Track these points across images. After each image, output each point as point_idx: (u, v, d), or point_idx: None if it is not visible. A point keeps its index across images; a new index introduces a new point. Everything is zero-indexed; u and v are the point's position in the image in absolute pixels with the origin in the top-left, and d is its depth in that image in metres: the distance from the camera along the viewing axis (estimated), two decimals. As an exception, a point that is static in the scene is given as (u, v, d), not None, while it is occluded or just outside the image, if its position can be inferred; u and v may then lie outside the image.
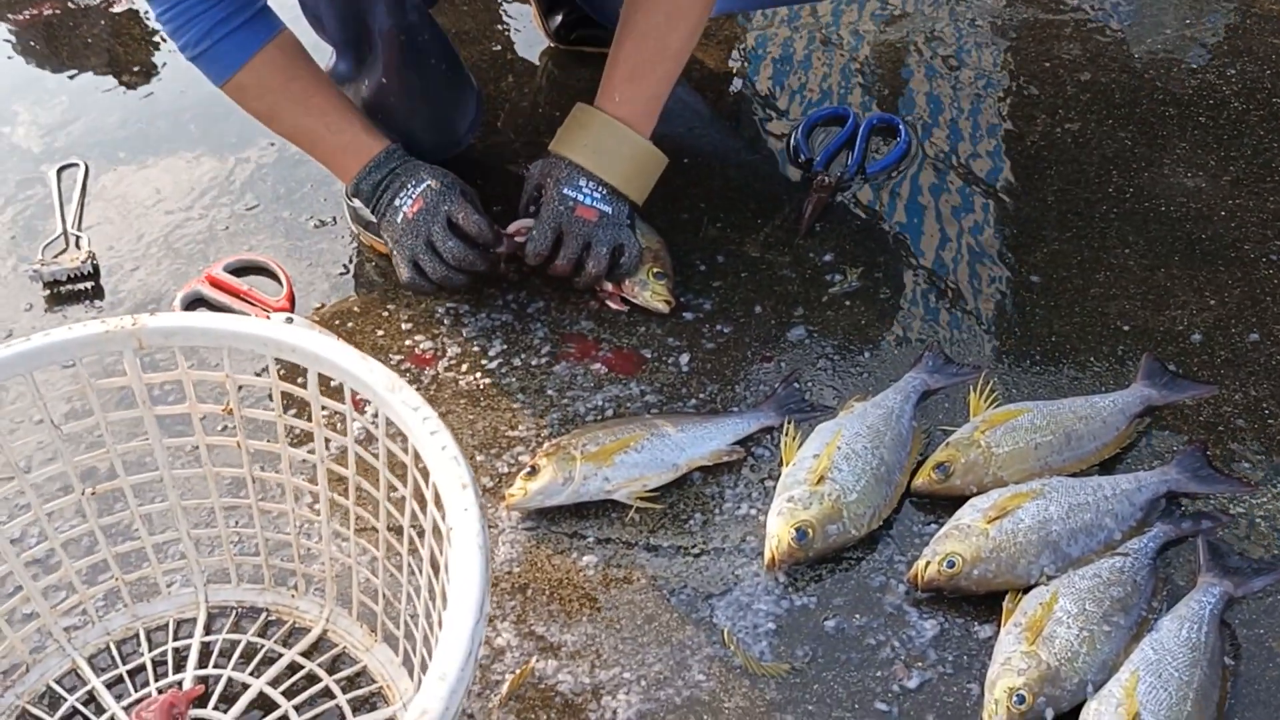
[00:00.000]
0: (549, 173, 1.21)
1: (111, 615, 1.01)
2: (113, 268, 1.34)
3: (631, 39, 1.20)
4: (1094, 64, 1.52)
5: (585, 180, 1.19)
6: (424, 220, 1.18)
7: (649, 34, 1.19)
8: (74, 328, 0.90)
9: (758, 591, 0.99)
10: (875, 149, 1.42)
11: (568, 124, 1.23)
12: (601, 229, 1.19)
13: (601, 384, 1.17)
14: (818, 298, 1.24)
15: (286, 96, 1.20)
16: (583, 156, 1.19)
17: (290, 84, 1.19)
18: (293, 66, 1.19)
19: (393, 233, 1.20)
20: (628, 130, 1.19)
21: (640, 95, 1.20)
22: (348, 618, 0.99)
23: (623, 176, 1.20)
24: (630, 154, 1.20)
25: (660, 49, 1.20)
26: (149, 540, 0.99)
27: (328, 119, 1.20)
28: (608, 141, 1.19)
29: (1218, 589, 0.96)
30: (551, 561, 1.02)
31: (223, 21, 1.13)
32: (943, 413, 1.12)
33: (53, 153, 1.50)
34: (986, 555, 0.96)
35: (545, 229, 1.18)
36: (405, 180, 1.20)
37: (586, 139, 1.20)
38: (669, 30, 1.19)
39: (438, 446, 0.80)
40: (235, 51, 1.15)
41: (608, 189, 1.19)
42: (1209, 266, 1.25)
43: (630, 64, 1.20)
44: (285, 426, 0.93)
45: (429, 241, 1.19)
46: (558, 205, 1.18)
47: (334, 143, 1.21)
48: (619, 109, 1.20)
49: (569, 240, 1.18)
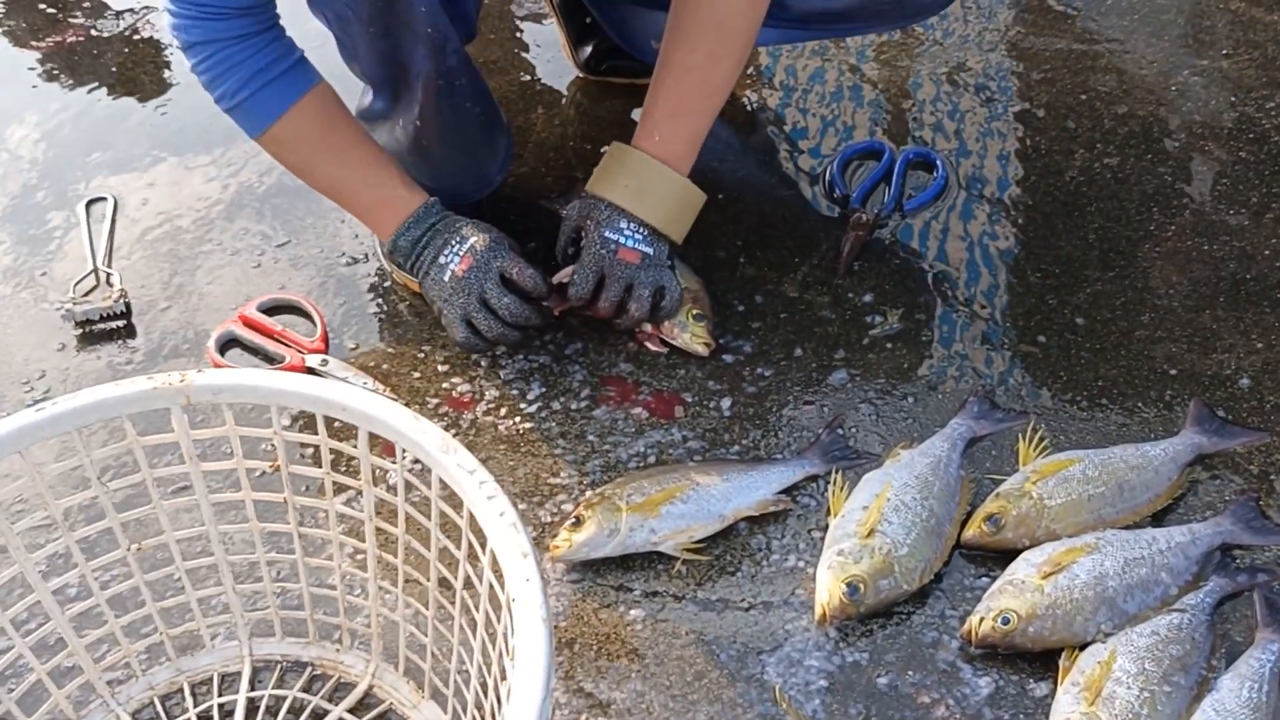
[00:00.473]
0: (588, 214, 1.19)
1: (155, 669, 1.00)
2: (145, 306, 1.33)
3: (673, 75, 1.18)
4: (1130, 96, 1.51)
5: (626, 222, 1.17)
6: (476, 278, 1.16)
7: (691, 70, 1.17)
8: (121, 384, 0.88)
9: (809, 647, 0.98)
10: (913, 184, 1.41)
11: (606, 163, 1.21)
12: (643, 271, 1.17)
13: (643, 429, 1.16)
14: (859, 340, 1.23)
15: (324, 148, 1.18)
16: (623, 197, 1.18)
17: (328, 136, 1.18)
18: (330, 118, 1.17)
19: (440, 291, 1.18)
20: (667, 170, 1.18)
21: (681, 134, 1.19)
22: (394, 673, 0.98)
23: (664, 217, 1.19)
24: (670, 194, 1.19)
25: (702, 86, 1.18)
26: (193, 594, 0.98)
27: (365, 172, 1.19)
28: (648, 181, 1.18)
29: (1277, 645, 0.94)
30: (598, 615, 1.01)
31: (263, 71, 1.11)
32: (990, 460, 1.11)
33: (79, 186, 1.49)
34: (1042, 612, 0.95)
35: (587, 273, 1.17)
36: (449, 237, 1.18)
37: (626, 179, 1.18)
38: (711, 67, 1.17)
39: (495, 512, 0.78)
40: (274, 101, 1.13)
41: (649, 230, 1.18)
42: (1255, 308, 1.24)
43: (671, 101, 1.18)
44: (333, 483, 0.92)
45: (483, 299, 1.17)
46: (599, 249, 1.17)
47: (371, 197, 1.19)
48: (659, 148, 1.18)
49: (611, 283, 1.17)
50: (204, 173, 1.51)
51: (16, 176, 1.52)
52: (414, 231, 1.18)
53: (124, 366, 1.26)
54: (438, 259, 1.18)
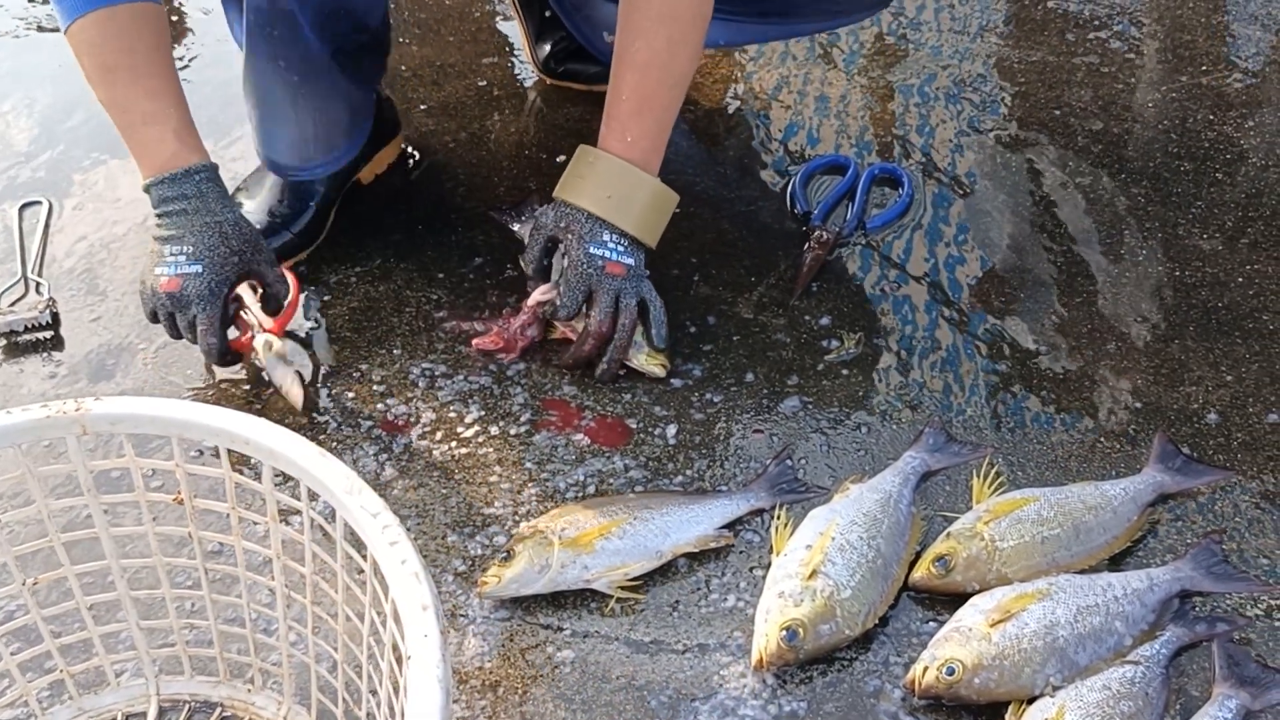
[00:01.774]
0: (567, 226, 1.14)
1: (57, 708, 0.94)
2: (73, 317, 1.27)
3: (633, 71, 1.12)
4: (1106, 112, 1.46)
5: (608, 234, 1.13)
6: (170, 304, 1.11)
7: (650, 64, 1.12)
8: (14, 412, 0.83)
9: (744, 695, 0.93)
10: (877, 201, 1.36)
11: (576, 169, 1.15)
12: (628, 282, 1.13)
13: (583, 456, 1.11)
14: (813, 365, 1.18)
15: (113, 67, 1.09)
16: (601, 207, 1.12)
17: (122, 55, 1.09)
18: (132, 39, 1.09)
19: (144, 274, 1.13)
20: (644, 175, 1.13)
21: (649, 131, 1.14)
22: (306, 716, 0.93)
23: (642, 224, 1.14)
24: (646, 199, 1.14)
25: (663, 78, 1.13)
26: (95, 630, 0.92)
27: (146, 107, 1.10)
28: (623, 188, 1.13)
29: (1234, 701, 0.90)
30: (526, 656, 0.96)
31: None
32: (944, 496, 1.06)
33: (15, 186, 1.44)
34: (989, 662, 0.90)
35: (575, 291, 1.12)
36: (185, 238, 1.11)
37: (603, 187, 1.13)
38: (670, 58, 1.12)
39: (397, 560, 0.73)
40: None
41: (629, 240, 1.13)
42: (1226, 338, 1.19)
43: (635, 98, 1.13)
44: (238, 517, 0.87)
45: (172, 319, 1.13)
46: (585, 266, 1.12)
47: (141, 136, 1.11)
48: (630, 150, 1.13)
49: (600, 298, 1.12)
50: (146, 176, 1.45)
51: (-49, 177, 1.46)
52: (164, 191, 1.11)
53: (47, 379, 1.21)
54: (163, 248, 1.11)
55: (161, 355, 1.23)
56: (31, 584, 0.89)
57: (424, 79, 1.57)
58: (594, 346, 1.15)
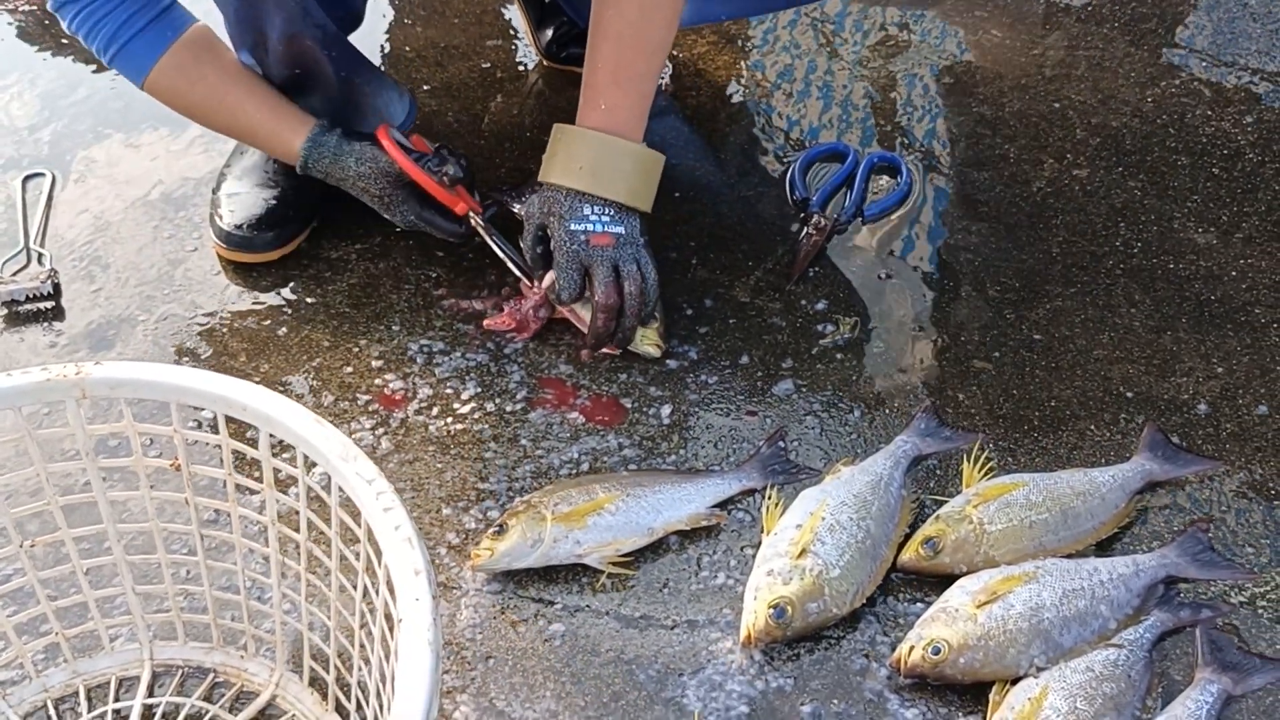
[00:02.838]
0: (550, 210, 1.14)
1: (51, 670, 0.95)
2: (75, 288, 1.28)
3: (608, 40, 1.12)
4: (1105, 107, 1.47)
5: (589, 207, 1.12)
6: None
7: (624, 33, 1.12)
8: (14, 374, 0.84)
9: (731, 670, 0.94)
10: (875, 189, 1.37)
11: (553, 148, 1.16)
12: (621, 250, 1.13)
13: (578, 434, 1.12)
14: (808, 349, 1.19)
15: (202, 94, 1.19)
16: (580, 181, 1.12)
17: (202, 83, 1.18)
18: (202, 66, 1.18)
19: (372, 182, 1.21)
20: (619, 140, 1.12)
21: (626, 99, 1.13)
22: (298, 683, 0.94)
23: (627, 190, 1.13)
24: (628, 164, 1.13)
25: (640, 46, 1.13)
26: (91, 595, 0.93)
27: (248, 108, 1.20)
28: (602, 158, 1.12)
29: (1216, 686, 0.91)
30: (517, 629, 0.97)
31: (127, 23, 1.12)
32: (934, 480, 1.07)
33: (19, 159, 1.44)
34: (974, 643, 0.91)
35: (569, 271, 1.12)
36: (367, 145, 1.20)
37: (580, 160, 1.12)
38: (644, 25, 1.12)
39: (391, 525, 0.74)
40: (144, 53, 1.15)
41: (614, 208, 1.13)
42: (1218, 331, 1.20)
43: (610, 68, 1.12)
44: (235, 484, 0.87)
45: None
46: (570, 245, 1.12)
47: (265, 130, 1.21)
48: (607, 119, 1.12)
49: (597, 270, 1.12)
50: (149, 151, 1.46)
51: (-46, 148, 1.47)
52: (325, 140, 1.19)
53: (47, 349, 1.22)
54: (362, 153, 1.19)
55: (161, 327, 1.24)
56: (29, 546, 0.90)
57: (427, 60, 1.57)
58: (605, 321, 1.14)
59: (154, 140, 1.47)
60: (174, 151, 1.45)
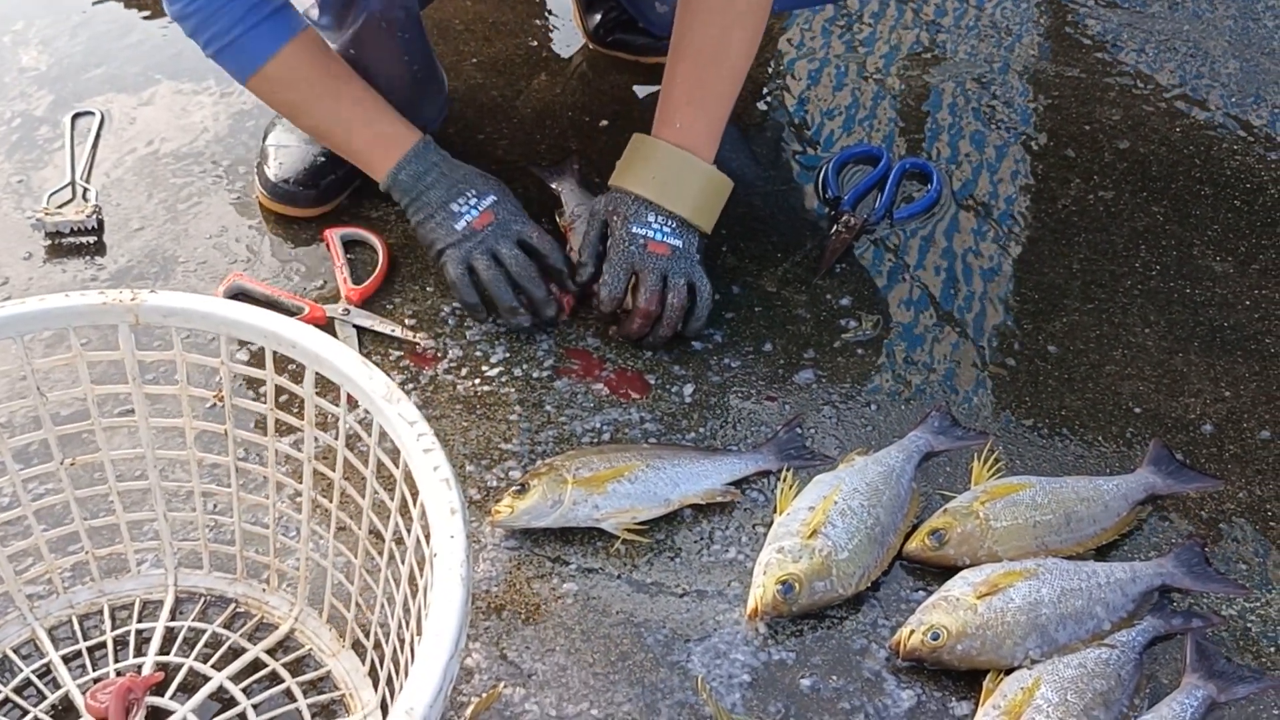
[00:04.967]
0: (614, 210, 1.17)
1: (78, 588, 0.98)
2: (118, 225, 1.31)
3: (687, 60, 1.16)
4: (1134, 132, 1.50)
5: (654, 215, 1.16)
6: (492, 235, 1.16)
7: (704, 53, 1.16)
8: (71, 295, 0.87)
9: (736, 640, 0.97)
10: (905, 194, 1.40)
11: (628, 156, 1.20)
12: (674, 262, 1.16)
13: (601, 405, 1.15)
14: (830, 342, 1.22)
15: (318, 88, 1.17)
16: (648, 189, 1.16)
17: (321, 75, 1.16)
18: (323, 58, 1.16)
19: (448, 237, 1.16)
20: (691, 157, 1.16)
21: (700, 120, 1.17)
22: (317, 619, 0.97)
23: (692, 207, 1.17)
24: (696, 183, 1.17)
25: (718, 69, 1.17)
26: (123, 517, 0.97)
27: (358, 110, 1.18)
28: (672, 172, 1.16)
29: (1201, 692, 0.94)
30: (531, 585, 1.00)
31: (253, 10, 1.10)
32: (944, 476, 1.10)
33: (70, 99, 1.47)
34: (972, 631, 0.94)
35: (618, 271, 1.15)
36: (462, 185, 1.16)
37: (651, 171, 1.16)
38: (725, 49, 1.16)
39: (430, 466, 0.77)
40: (266, 40, 1.12)
41: (677, 221, 1.16)
42: (1228, 356, 1.23)
43: (687, 87, 1.17)
44: (275, 421, 0.90)
45: (494, 254, 1.15)
46: (628, 245, 1.15)
47: (367, 134, 1.18)
48: (680, 136, 1.16)
49: (646, 276, 1.15)
50: (198, 100, 1.49)
51: (7, 83, 1.50)
52: (415, 166, 1.17)
53: (89, 282, 1.25)
54: (449, 205, 1.16)
55: (201, 270, 1.27)
56: (69, 465, 0.93)
57: (476, 34, 1.60)
58: (640, 326, 1.17)
59: (203, 89, 1.50)
60: (223, 101, 1.48)
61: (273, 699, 0.92)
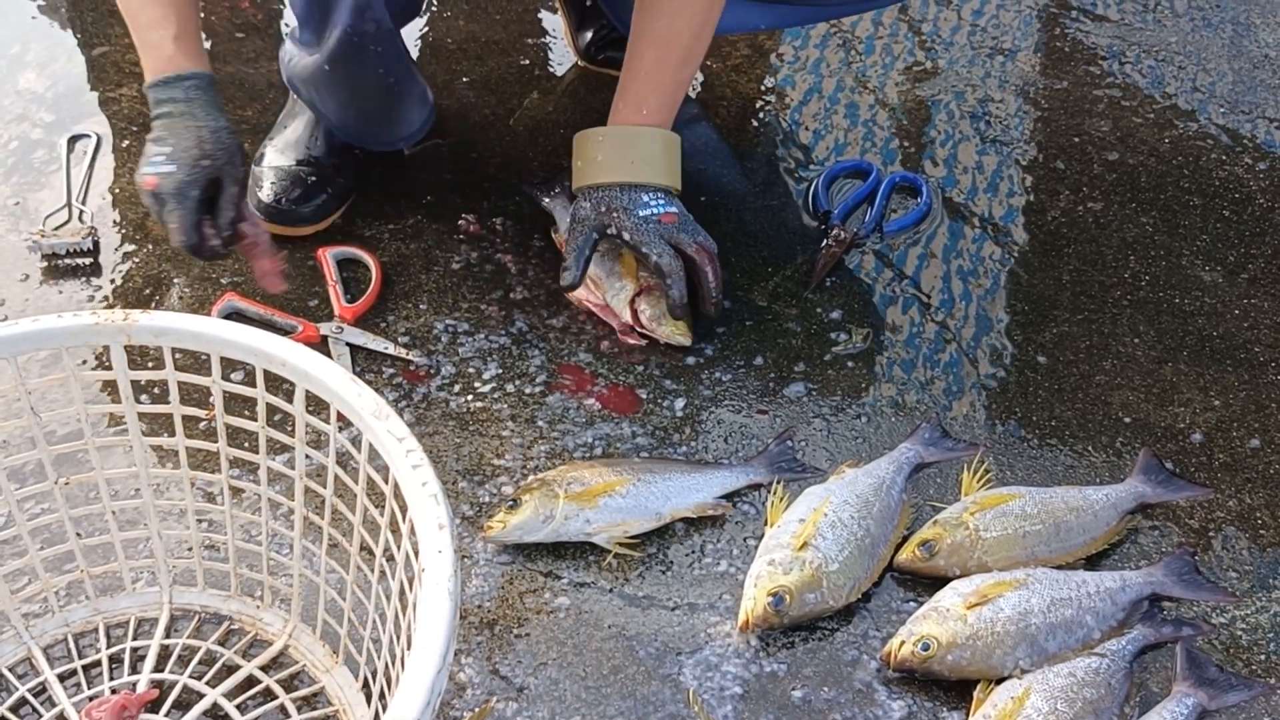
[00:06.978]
0: (608, 208, 1.20)
1: (73, 607, 0.99)
2: (114, 247, 1.32)
3: (653, 50, 1.21)
4: (1123, 144, 1.51)
5: (646, 194, 1.20)
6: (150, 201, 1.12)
7: (670, 43, 1.21)
8: (64, 316, 0.88)
9: (728, 653, 0.97)
10: (895, 208, 1.41)
11: (587, 153, 1.22)
12: (685, 223, 1.21)
13: (593, 420, 1.15)
14: (820, 355, 1.23)
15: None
16: (629, 174, 1.20)
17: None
18: None
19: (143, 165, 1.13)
20: (649, 129, 1.22)
21: (663, 104, 1.23)
22: (311, 635, 0.97)
23: (666, 173, 1.22)
24: (660, 150, 1.23)
25: (681, 57, 1.22)
26: (118, 536, 0.97)
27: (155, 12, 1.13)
28: (641, 149, 1.22)
29: (1191, 700, 0.94)
30: (524, 600, 1.01)
31: None
32: (934, 488, 1.11)
33: (64, 121, 1.49)
34: (963, 641, 0.95)
35: (663, 247, 1.18)
36: (166, 136, 1.12)
37: (624, 155, 1.21)
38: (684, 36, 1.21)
39: (418, 482, 0.78)
40: None
41: (663, 191, 1.22)
42: (1217, 366, 1.23)
43: (654, 76, 1.22)
44: (267, 438, 0.91)
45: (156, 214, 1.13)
46: (646, 227, 1.19)
47: (144, 39, 1.14)
48: (645, 119, 1.22)
49: (683, 237, 1.20)
50: (193, 121, 1.50)
51: (5, 106, 1.51)
52: (157, 94, 1.14)
53: (85, 303, 1.25)
54: (149, 149, 1.13)
55: (195, 290, 1.28)
56: (63, 484, 0.94)
57: (468, 53, 1.62)
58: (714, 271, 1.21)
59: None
60: (217, 123, 1.49)
61: (267, 715, 0.92)
